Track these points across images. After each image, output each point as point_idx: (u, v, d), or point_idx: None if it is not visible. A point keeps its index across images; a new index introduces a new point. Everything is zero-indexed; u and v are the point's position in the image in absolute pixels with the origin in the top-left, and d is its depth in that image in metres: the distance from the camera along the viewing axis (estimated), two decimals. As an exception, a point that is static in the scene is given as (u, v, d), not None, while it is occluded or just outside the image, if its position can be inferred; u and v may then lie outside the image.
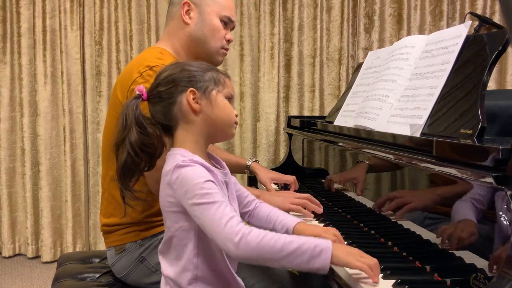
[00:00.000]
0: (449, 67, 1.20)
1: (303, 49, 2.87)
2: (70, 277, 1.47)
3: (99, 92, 2.93)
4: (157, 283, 1.14)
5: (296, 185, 1.75)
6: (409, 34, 2.80)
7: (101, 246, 2.92)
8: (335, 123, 1.73)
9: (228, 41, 1.54)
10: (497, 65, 1.49)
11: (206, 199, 0.94)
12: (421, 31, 2.83)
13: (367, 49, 2.80)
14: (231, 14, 1.53)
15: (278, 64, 2.87)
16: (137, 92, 1.04)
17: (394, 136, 1.24)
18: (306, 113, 2.87)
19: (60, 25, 2.90)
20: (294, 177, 1.77)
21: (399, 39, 2.39)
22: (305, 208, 1.41)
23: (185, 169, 0.97)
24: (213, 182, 0.97)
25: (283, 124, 2.86)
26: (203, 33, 1.48)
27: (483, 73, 1.08)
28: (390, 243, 1.17)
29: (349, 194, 1.50)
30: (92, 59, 2.94)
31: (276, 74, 2.86)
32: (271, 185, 1.76)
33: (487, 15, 2.79)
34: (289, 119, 2.31)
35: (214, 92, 1.04)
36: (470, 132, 1.02)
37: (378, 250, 1.14)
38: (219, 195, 0.95)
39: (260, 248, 0.90)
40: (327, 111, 2.77)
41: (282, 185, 1.81)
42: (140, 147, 1.00)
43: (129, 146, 1.00)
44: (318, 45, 2.85)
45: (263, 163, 2.84)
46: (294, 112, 2.87)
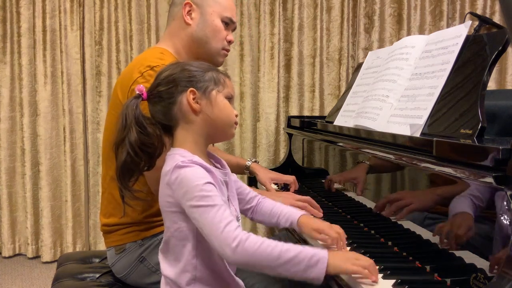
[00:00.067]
0: (449, 67, 1.20)
1: (303, 49, 2.87)
2: (70, 277, 1.47)
3: (99, 92, 2.93)
4: (157, 283, 1.13)
5: (296, 185, 1.75)
6: (409, 34, 2.80)
7: (101, 246, 2.92)
8: (335, 123, 1.73)
9: (229, 42, 1.54)
10: (497, 65, 1.49)
11: (205, 201, 0.94)
12: (421, 31, 2.83)
13: (367, 49, 2.79)
14: (232, 15, 1.52)
15: (278, 64, 2.86)
16: (137, 92, 1.04)
17: (394, 136, 1.24)
18: (306, 113, 2.86)
19: (60, 25, 2.90)
20: (294, 177, 1.77)
21: (399, 39, 2.39)
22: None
23: (184, 169, 0.97)
24: (212, 184, 0.97)
25: (283, 124, 2.86)
26: (204, 33, 1.48)
27: (483, 73, 1.08)
28: (390, 243, 1.17)
29: (349, 194, 1.50)
30: (92, 59, 2.94)
31: (276, 74, 2.86)
32: (271, 186, 1.76)
33: (487, 15, 2.79)
34: (289, 119, 2.31)
35: (214, 92, 1.04)
36: (470, 132, 1.02)
37: (378, 250, 1.14)
38: (218, 198, 0.95)
39: (257, 255, 0.90)
40: (327, 111, 2.77)
41: (282, 185, 1.81)
42: (140, 147, 1.00)
43: (128, 146, 1.00)
44: (318, 45, 2.85)
45: (263, 163, 2.84)
46: (294, 112, 2.87)
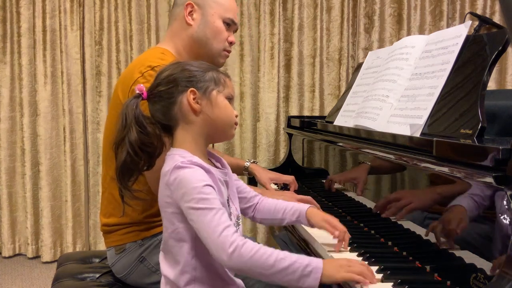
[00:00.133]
0: (449, 67, 1.20)
1: (303, 49, 2.87)
2: (70, 277, 1.47)
3: (99, 92, 2.93)
4: (157, 283, 1.13)
5: (296, 184, 1.75)
6: (409, 34, 2.80)
7: (101, 246, 2.92)
8: (335, 123, 1.73)
9: (231, 43, 1.53)
10: (497, 65, 1.49)
11: (203, 204, 0.93)
12: (421, 31, 2.83)
13: (367, 49, 2.79)
14: (234, 16, 1.52)
15: (278, 64, 2.86)
16: (137, 91, 1.04)
17: (394, 136, 1.24)
18: (306, 113, 2.86)
19: (60, 25, 2.90)
20: (293, 177, 1.77)
21: (399, 39, 2.39)
22: None
23: (183, 170, 0.96)
24: (211, 186, 0.96)
25: (283, 124, 2.86)
26: (205, 34, 1.48)
27: (483, 73, 1.08)
28: (390, 243, 1.17)
29: (349, 194, 1.50)
30: (92, 59, 2.94)
31: (276, 74, 2.86)
32: (271, 186, 1.76)
33: (487, 15, 2.79)
34: (289, 119, 2.31)
35: (214, 93, 1.04)
36: (470, 132, 1.02)
37: (378, 250, 1.14)
38: (216, 202, 0.95)
39: (252, 261, 0.90)
40: (327, 111, 2.77)
41: (282, 185, 1.81)
42: (139, 146, 1.00)
43: (128, 146, 1.00)
44: (318, 45, 2.85)
45: (263, 163, 2.84)
46: (294, 112, 2.86)
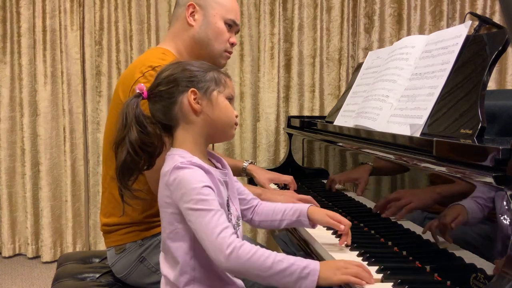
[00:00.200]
0: (449, 67, 1.20)
1: (303, 49, 2.87)
2: (70, 277, 1.47)
3: (99, 92, 2.93)
4: (157, 283, 1.13)
5: (295, 185, 1.75)
6: (409, 34, 2.80)
7: (101, 246, 2.92)
8: (335, 123, 1.73)
9: (232, 44, 1.53)
10: (497, 65, 1.49)
11: (202, 205, 0.93)
12: (421, 31, 2.83)
13: (367, 49, 2.79)
14: (236, 18, 1.51)
15: (278, 64, 2.86)
16: (138, 91, 1.04)
17: (394, 136, 1.24)
18: (306, 113, 2.86)
19: (60, 25, 2.90)
20: (292, 177, 1.77)
21: (399, 39, 2.39)
22: None
23: (183, 171, 0.96)
24: (210, 187, 0.96)
25: (283, 124, 2.86)
26: (206, 35, 1.47)
27: (483, 73, 1.08)
28: (390, 243, 1.17)
29: (349, 194, 1.50)
30: (92, 59, 2.94)
31: (276, 74, 2.86)
32: (270, 186, 1.76)
33: (487, 15, 2.79)
34: (289, 119, 2.31)
35: (215, 93, 1.04)
36: (470, 132, 1.02)
37: (378, 250, 1.14)
38: (215, 203, 0.95)
39: (250, 263, 0.90)
40: (327, 111, 2.77)
41: (282, 185, 1.81)
42: (140, 146, 1.00)
43: (129, 145, 1.00)
44: (318, 45, 2.85)
45: (263, 163, 2.84)
46: (294, 112, 2.86)
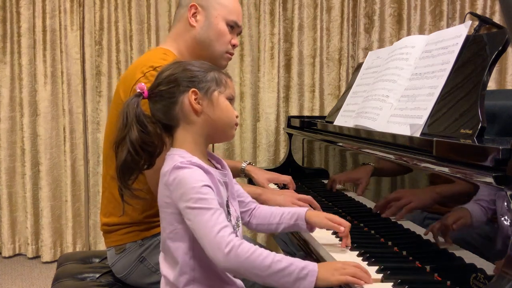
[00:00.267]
0: (449, 67, 1.20)
1: (303, 49, 2.86)
2: (70, 277, 1.47)
3: (99, 92, 2.93)
4: (157, 283, 1.13)
5: (293, 185, 1.75)
6: (409, 34, 2.80)
7: (101, 246, 2.92)
8: (335, 123, 1.73)
9: (234, 46, 1.52)
10: (497, 65, 1.49)
11: (201, 204, 0.93)
12: (421, 31, 2.83)
13: (367, 49, 2.79)
14: (238, 19, 1.51)
15: (278, 64, 2.86)
16: (138, 90, 1.04)
17: (394, 136, 1.24)
18: (306, 113, 2.86)
19: (60, 25, 2.90)
20: (290, 177, 1.77)
21: (399, 39, 2.38)
22: None
23: (182, 171, 0.96)
24: (210, 187, 0.96)
25: (283, 124, 2.86)
26: (208, 36, 1.47)
27: (483, 73, 1.08)
28: (390, 243, 1.17)
29: (349, 194, 1.50)
30: (92, 59, 2.94)
31: (276, 74, 2.86)
32: (269, 186, 1.76)
33: (487, 15, 2.79)
34: (289, 119, 2.31)
35: (216, 93, 1.03)
36: (470, 132, 1.02)
37: (378, 250, 1.14)
38: (214, 202, 0.95)
39: (248, 262, 0.90)
40: (327, 111, 2.77)
41: (282, 185, 1.81)
42: (140, 145, 1.00)
43: (129, 144, 1.00)
44: (318, 45, 2.84)
45: (263, 163, 2.84)
46: (294, 112, 2.86)
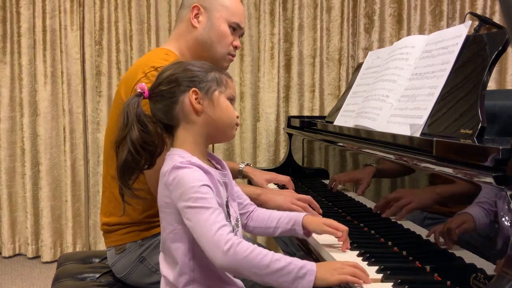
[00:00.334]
0: (449, 67, 1.20)
1: (303, 49, 2.87)
2: (70, 277, 1.47)
3: (99, 92, 2.93)
4: (157, 283, 1.13)
5: (292, 185, 1.75)
6: (409, 34, 2.80)
7: (101, 246, 2.92)
8: (335, 123, 1.73)
9: (236, 48, 1.52)
10: (497, 65, 1.49)
11: (200, 203, 0.93)
12: (421, 31, 2.83)
13: (367, 49, 2.79)
14: (240, 21, 1.50)
15: (278, 64, 2.86)
16: (139, 90, 1.04)
17: (394, 136, 1.24)
18: (306, 113, 2.86)
19: (60, 25, 2.90)
20: (289, 177, 1.77)
21: (399, 39, 2.39)
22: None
23: (182, 171, 0.96)
24: (209, 186, 0.96)
25: (283, 124, 2.86)
26: (210, 37, 1.47)
27: (483, 73, 1.08)
28: (390, 243, 1.17)
29: (349, 194, 1.50)
30: (92, 59, 2.94)
31: (276, 74, 2.86)
32: (269, 186, 1.76)
33: (487, 15, 2.79)
34: (289, 119, 2.31)
35: (216, 93, 1.04)
36: (470, 132, 1.02)
37: (378, 250, 1.14)
38: (213, 201, 0.95)
39: (247, 261, 0.90)
40: (327, 111, 2.77)
41: (281, 185, 1.81)
42: (141, 145, 1.00)
43: (130, 144, 1.00)
44: (318, 45, 2.85)
45: (263, 163, 2.84)
46: (294, 112, 2.86)
